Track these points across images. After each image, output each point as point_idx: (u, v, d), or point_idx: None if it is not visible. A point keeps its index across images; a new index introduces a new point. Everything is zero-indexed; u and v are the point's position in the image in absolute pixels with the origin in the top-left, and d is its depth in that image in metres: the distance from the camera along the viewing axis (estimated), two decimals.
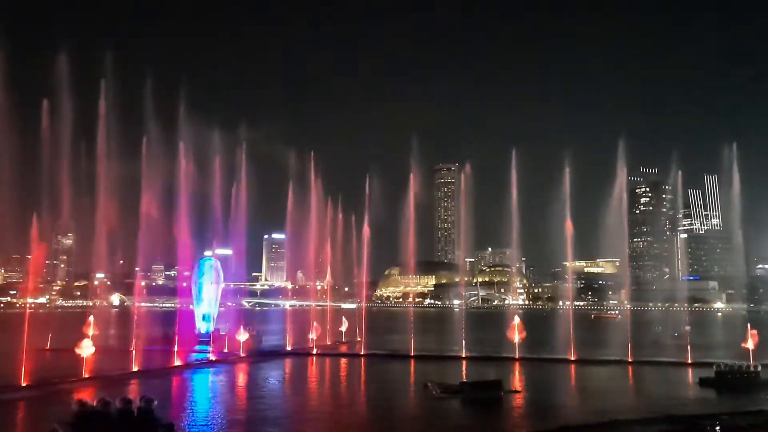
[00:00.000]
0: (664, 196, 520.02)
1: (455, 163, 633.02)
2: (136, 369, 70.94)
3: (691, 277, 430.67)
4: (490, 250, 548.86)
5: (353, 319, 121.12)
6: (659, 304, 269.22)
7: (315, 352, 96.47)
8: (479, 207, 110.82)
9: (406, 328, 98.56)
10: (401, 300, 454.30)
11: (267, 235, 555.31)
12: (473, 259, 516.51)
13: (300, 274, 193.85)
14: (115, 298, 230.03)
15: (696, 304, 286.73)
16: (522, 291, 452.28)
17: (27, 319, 63.46)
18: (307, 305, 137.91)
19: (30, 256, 69.72)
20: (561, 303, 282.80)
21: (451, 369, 77.77)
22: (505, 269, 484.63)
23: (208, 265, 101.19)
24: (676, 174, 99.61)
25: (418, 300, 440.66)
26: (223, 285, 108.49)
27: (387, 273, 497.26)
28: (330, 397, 63.17)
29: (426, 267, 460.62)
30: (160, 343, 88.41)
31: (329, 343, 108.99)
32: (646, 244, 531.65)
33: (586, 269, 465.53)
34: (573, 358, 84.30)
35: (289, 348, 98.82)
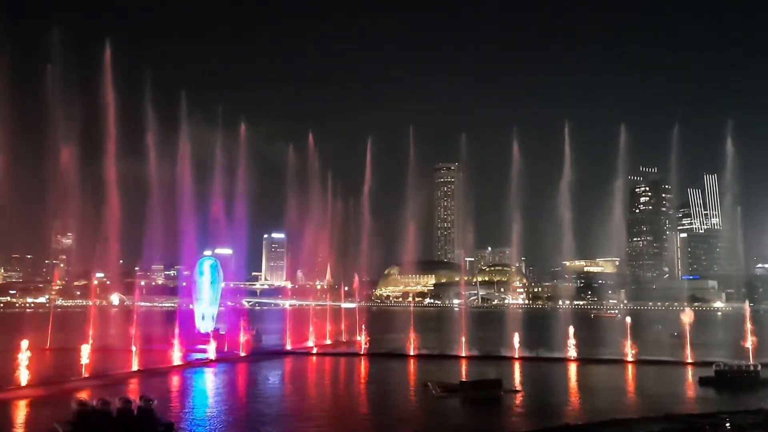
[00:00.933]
0: (664, 196, 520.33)
1: (455, 163, 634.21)
2: (136, 368, 71.05)
3: (691, 277, 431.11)
4: (490, 249, 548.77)
5: (353, 318, 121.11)
6: (659, 304, 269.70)
7: (315, 352, 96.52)
8: (479, 206, 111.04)
9: (406, 327, 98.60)
10: (401, 299, 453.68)
11: (267, 235, 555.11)
12: (473, 259, 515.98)
13: (300, 274, 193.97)
14: (115, 298, 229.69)
15: (695, 304, 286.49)
16: (522, 290, 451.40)
17: (27, 319, 63.57)
18: (306, 304, 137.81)
19: (30, 256, 69.72)
20: (561, 302, 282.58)
21: (451, 368, 77.87)
22: (505, 268, 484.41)
23: (208, 265, 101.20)
24: (675, 173, 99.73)
25: (417, 299, 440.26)
26: (223, 284, 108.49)
27: (387, 272, 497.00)
28: (330, 396, 63.19)
29: (426, 266, 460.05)
30: (160, 342, 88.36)
31: (329, 342, 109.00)
32: (645, 243, 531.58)
33: (586, 268, 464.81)
34: (573, 357, 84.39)
35: (288, 347, 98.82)
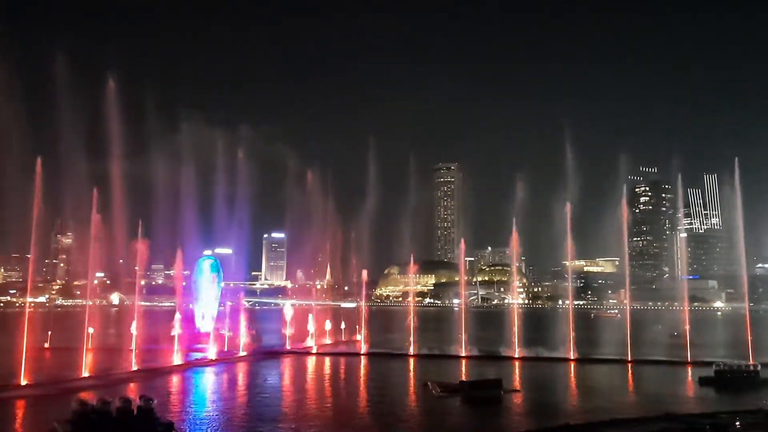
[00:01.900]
0: (664, 196, 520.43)
1: (454, 163, 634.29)
2: (135, 368, 71.04)
3: (691, 277, 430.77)
4: (490, 249, 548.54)
5: (353, 318, 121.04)
6: (659, 303, 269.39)
7: (314, 351, 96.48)
8: (479, 206, 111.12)
9: (406, 327, 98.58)
10: (401, 299, 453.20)
11: (267, 234, 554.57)
12: (473, 259, 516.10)
13: (299, 273, 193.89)
14: (115, 297, 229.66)
15: (696, 304, 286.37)
16: (522, 290, 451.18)
17: (27, 318, 63.56)
18: (306, 304, 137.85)
19: (30, 256, 69.70)
20: (561, 302, 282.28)
21: (451, 368, 77.85)
22: (505, 268, 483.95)
23: (208, 265, 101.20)
24: (675, 173, 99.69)
25: (417, 299, 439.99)
26: (223, 284, 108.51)
27: (386, 272, 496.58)
28: (330, 396, 63.18)
29: (425, 266, 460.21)
30: (160, 342, 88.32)
31: (329, 342, 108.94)
32: (645, 243, 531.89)
33: (586, 268, 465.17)
34: (573, 357, 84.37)
35: (288, 347, 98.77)
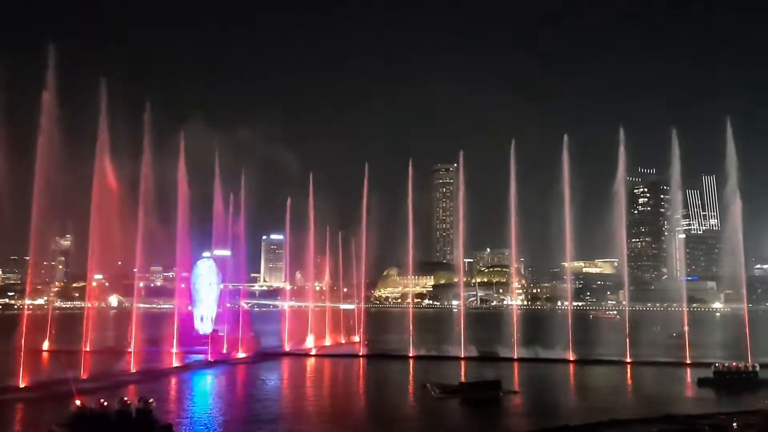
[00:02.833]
0: (662, 197, 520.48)
1: (453, 164, 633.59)
2: (134, 370, 70.96)
3: (690, 278, 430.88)
4: (489, 250, 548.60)
5: (352, 319, 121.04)
6: (657, 304, 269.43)
7: (313, 353, 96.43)
8: (478, 207, 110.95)
9: (405, 328, 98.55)
10: (400, 300, 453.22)
11: (265, 236, 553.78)
12: (472, 260, 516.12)
13: (298, 275, 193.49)
14: (113, 300, 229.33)
15: (694, 304, 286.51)
16: (521, 291, 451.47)
17: (25, 321, 63.53)
18: (305, 306, 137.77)
19: (28, 258, 69.61)
20: (560, 303, 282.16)
21: (450, 369, 77.85)
22: (504, 270, 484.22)
23: (206, 266, 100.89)
24: (674, 174, 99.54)
25: (416, 300, 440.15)
26: (222, 286, 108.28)
27: (385, 273, 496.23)
28: (329, 397, 63.15)
29: (424, 267, 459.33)
30: (159, 344, 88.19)
31: (328, 343, 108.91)
32: (644, 244, 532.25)
33: (585, 269, 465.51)
34: (572, 359, 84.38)
35: (287, 349, 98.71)
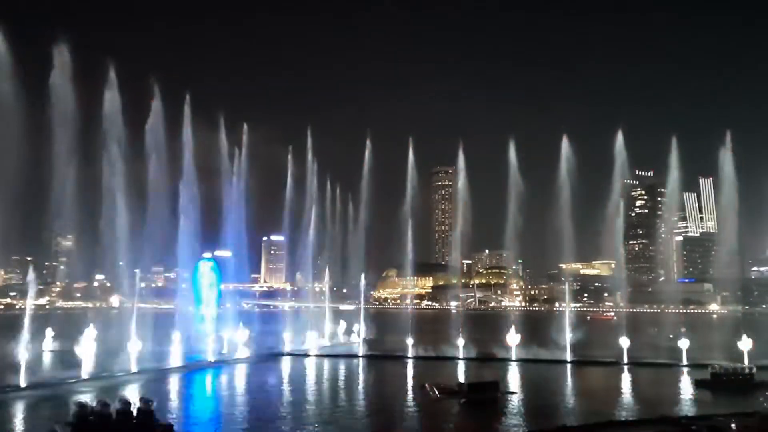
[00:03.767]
0: (660, 199, 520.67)
1: (452, 166, 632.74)
2: (135, 370, 71.23)
3: (687, 280, 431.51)
4: (487, 252, 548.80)
5: (351, 320, 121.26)
6: (655, 306, 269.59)
7: (313, 353, 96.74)
8: (476, 209, 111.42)
9: (404, 329, 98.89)
10: (399, 301, 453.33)
11: (266, 237, 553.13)
12: (470, 261, 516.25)
13: (298, 276, 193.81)
14: (115, 300, 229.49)
15: (691, 306, 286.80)
16: (519, 293, 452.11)
17: (27, 320, 63.83)
18: (305, 306, 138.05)
19: (30, 258, 69.98)
20: (557, 305, 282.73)
21: (449, 370, 78.28)
22: (502, 271, 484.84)
23: (207, 267, 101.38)
24: (671, 177, 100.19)
25: (415, 301, 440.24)
26: (222, 286, 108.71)
27: (385, 275, 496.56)
28: (328, 398, 63.48)
29: (423, 269, 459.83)
30: (159, 344, 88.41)
31: (328, 343, 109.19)
32: (641, 246, 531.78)
33: (582, 271, 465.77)
34: (569, 359, 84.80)
35: (287, 349, 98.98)
